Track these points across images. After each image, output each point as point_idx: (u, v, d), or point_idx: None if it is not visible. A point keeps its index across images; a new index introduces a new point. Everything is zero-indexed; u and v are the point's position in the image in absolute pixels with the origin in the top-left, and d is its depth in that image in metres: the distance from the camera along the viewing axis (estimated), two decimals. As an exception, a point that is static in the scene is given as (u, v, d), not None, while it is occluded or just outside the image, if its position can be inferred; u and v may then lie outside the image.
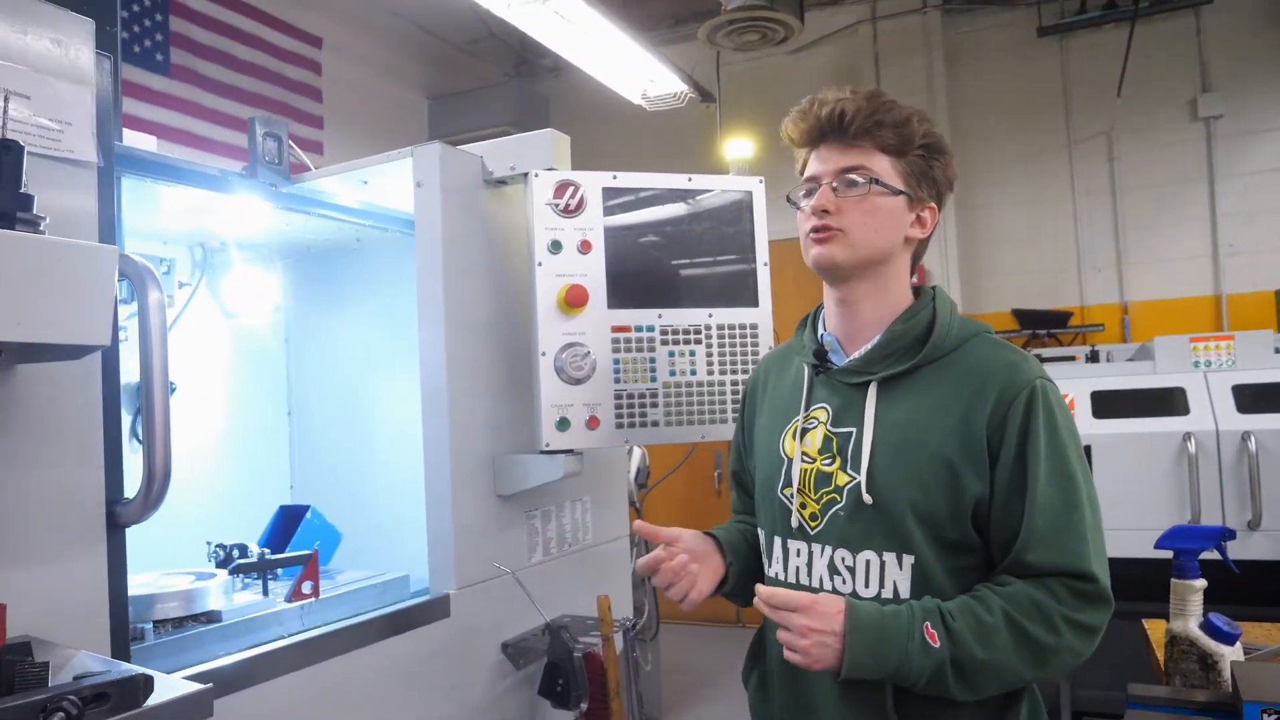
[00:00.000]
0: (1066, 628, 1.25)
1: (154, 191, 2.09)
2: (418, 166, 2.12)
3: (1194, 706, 1.31)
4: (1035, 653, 1.26)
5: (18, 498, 1.26)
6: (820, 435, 1.47)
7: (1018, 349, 1.42)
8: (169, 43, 4.61)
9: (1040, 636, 1.25)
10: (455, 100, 6.53)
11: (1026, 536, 1.29)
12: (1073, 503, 1.30)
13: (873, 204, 1.42)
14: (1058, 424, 1.33)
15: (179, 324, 2.50)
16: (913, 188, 1.44)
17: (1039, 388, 1.33)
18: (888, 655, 1.25)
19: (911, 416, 1.38)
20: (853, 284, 1.46)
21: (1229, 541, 1.59)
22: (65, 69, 1.35)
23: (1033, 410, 1.31)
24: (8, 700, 0.91)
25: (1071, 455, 1.33)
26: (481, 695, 2.07)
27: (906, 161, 1.43)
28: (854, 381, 1.45)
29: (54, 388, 1.30)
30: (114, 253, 1.09)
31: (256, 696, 1.64)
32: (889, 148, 1.42)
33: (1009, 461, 1.31)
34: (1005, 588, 1.29)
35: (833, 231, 1.42)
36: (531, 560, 2.28)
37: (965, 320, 1.45)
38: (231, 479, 2.66)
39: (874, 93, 1.43)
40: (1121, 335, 5.63)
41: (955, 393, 1.36)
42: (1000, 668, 1.26)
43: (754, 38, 4.78)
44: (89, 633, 1.32)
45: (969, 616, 1.26)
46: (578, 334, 2.09)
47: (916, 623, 1.26)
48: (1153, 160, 5.66)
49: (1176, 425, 3.78)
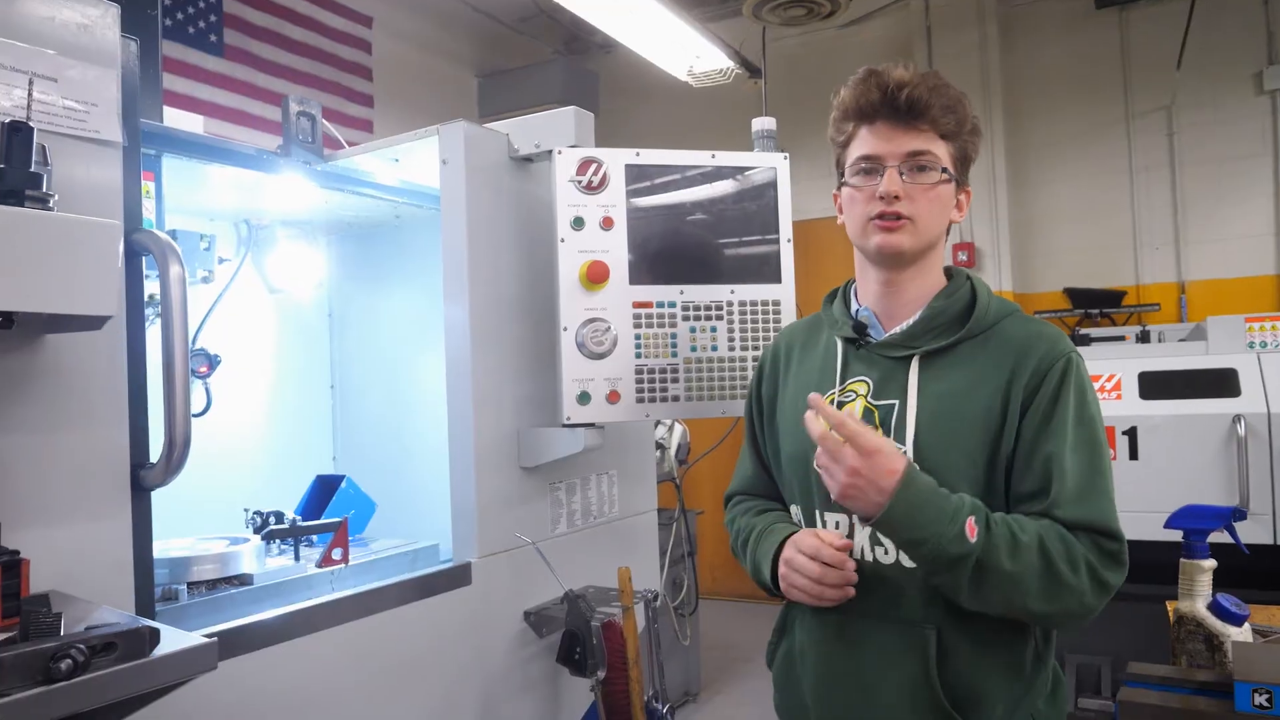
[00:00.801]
0: (1087, 574, 1.29)
1: (198, 170, 2.17)
2: (444, 144, 2.16)
3: (1191, 686, 1.30)
4: (1052, 584, 1.28)
5: (46, 461, 1.33)
6: (860, 407, 1.47)
7: (1050, 325, 1.47)
8: (223, 24, 4.72)
9: (1063, 571, 1.28)
10: (505, 78, 6.56)
11: (1057, 493, 1.32)
12: (1099, 468, 1.35)
13: (938, 192, 1.43)
14: (1087, 395, 1.39)
15: (225, 299, 2.59)
16: (960, 171, 1.47)
17: (1074, 360, 1.39)
18: (925, 526, 1.27)
19: (953, 387, 1.41)
20: (906, 270, 1.48)
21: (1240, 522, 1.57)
22: (91, 52, 1.41)
23: (1066, 379, 1.36)
24: (21, 647, 0.97)
25: (1099, 427, 1.39)
26: (503, 661, 2.13)
27: (958, 145, 1.45)
28: (896, 355, 1.47)
29: (80, 357, 1.37)
30: (118, 228, 1.14)
31: (281, 654, 1.71)
32: (948, 132, 1.43)
33: (1036, 420, 1.36)
34: (1040, 521, 1.33)
35: (902, 221, 1.42)
36: (555, 532, 2.32)
37: (1001, 300, 1.49)
38: (277, 450, 2.75)
39: (931, 74, 1.43)
40: (1178, 315, 5.47)
41: (996, 363, 1.40)
42: (1016, 586, 1.28)
43: (800, 12, 4.74)
44: (114, 590, 1.40)
45: (1005, 528, 1.30)
46: (599, 309, 2.12)
47: (964, 512, 1.28)
48: (1215, 135, 5.46)
49: (1227, 407, 3.67)
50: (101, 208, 1.40)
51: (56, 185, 1.33)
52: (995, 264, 5.80)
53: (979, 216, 5.83)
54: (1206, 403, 3.72)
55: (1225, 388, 3.74)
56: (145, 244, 1.45)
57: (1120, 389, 3.87)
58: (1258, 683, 1.19)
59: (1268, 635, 1.65)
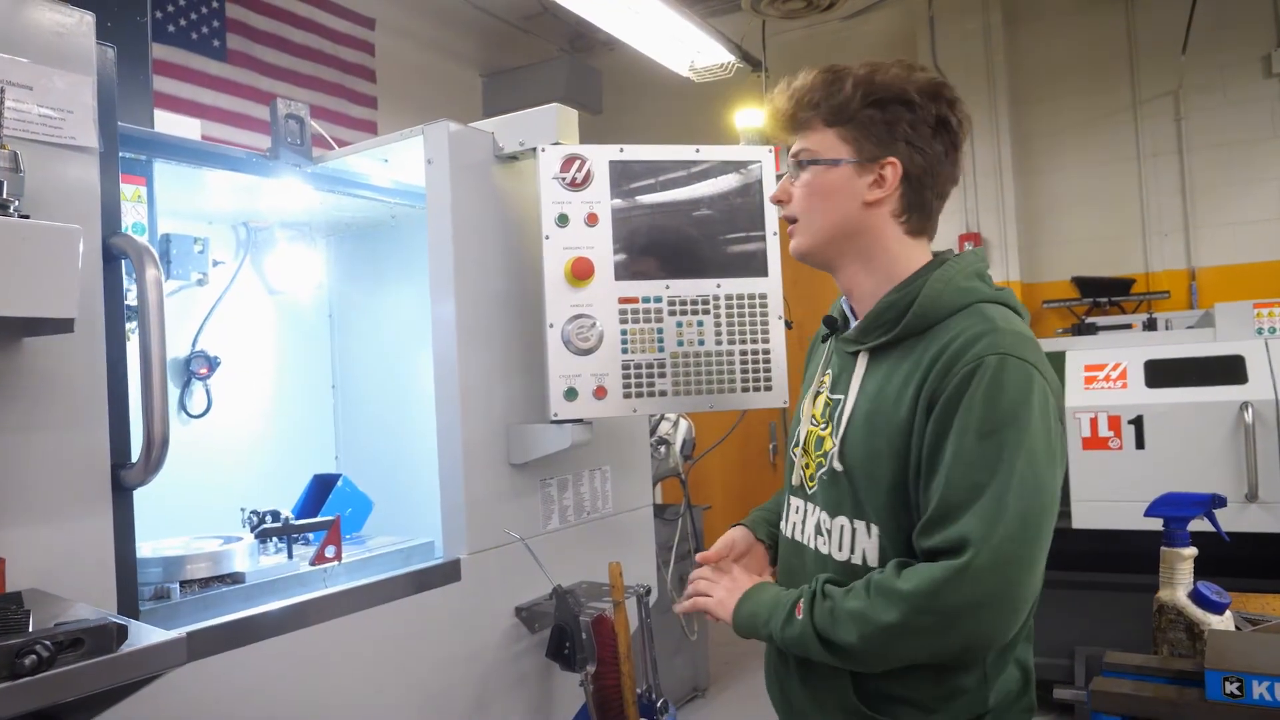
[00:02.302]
0: (905, 608, 1.22)
1: (193, 174, 2.19)
2: (428, 144, 2.18)
3: (1166, 675, 1.30)
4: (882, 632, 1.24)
5: (27, 461, 1.36)
6: (823, 400, 1.50)
7: (997, 322, 1.31)
8: (225, 29, 4.76)
9: (881, 616, 1.24)
10: (509, 76, 6.58)
11: (931, 512, 1.26)
12: (984, 487, 1.22)
13: (813, 184, 1.41)
14: (998, 404, 1.24)
15: (225, 301, 2.63)
16: (864, 150, 1.38)
17: (989, 363, 1.25)
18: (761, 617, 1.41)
19: (883, 387, 1.37)
20: (835, 263, 1.46)
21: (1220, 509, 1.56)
22: (67, 59, 1.43)
23: (972, 383, 1.25)
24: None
25: (1005, 439, 1.23)
26: (493, 656, 2.15)
27: (854, 124, 1.38)
28: (850, 350, 1.47)
29: (59, 359, 1.39)
30: (77, 232, 1.16)
31: (270, 650, 1.74)
32: (830, 119, 1.39)
33: (933, 434, 1.28)
34: (879, 575, 1.28)
35: (793, 224, 1.46)
36: (547, 527, 2.33)
37: (967, 290, 1.37)
38: (279, 450, 2.78)
39: (823, 69, 1.41)
40: (1189, 302, 5.42)
41: (919, 364, 1.32)
42: (858, 650, 1.27)
43: (799, 5, 4.73)
44: (97, 588, 1.42)
45: (832, 600, 1.31)
46: (585, 305, 2.13)
47: (792, 601, 1.37)
48: (1223, 119, 5.40)
49: (1234, 394, 3.65)
50: (79, 213, 1.42)
51: (34, 192, 1.36)
52: (1002, 254, 5.76)
53: (985, 206, 5.80)
54: (1213, 390, 3.70)
55: (1232, 375, 3.71)
56: (122, 248, 1.47)
57: (1126, 378, 3.85)
58: (1228, 670, 1.18)
59: (1258, 624, 1.64)
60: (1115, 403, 3.82)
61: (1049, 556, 1.25)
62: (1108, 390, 3.87)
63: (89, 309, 1.43)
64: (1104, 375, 3.91)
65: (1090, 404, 3.83)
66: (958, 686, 1.30)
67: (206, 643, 1.65)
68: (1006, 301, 1.39)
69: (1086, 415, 3.81)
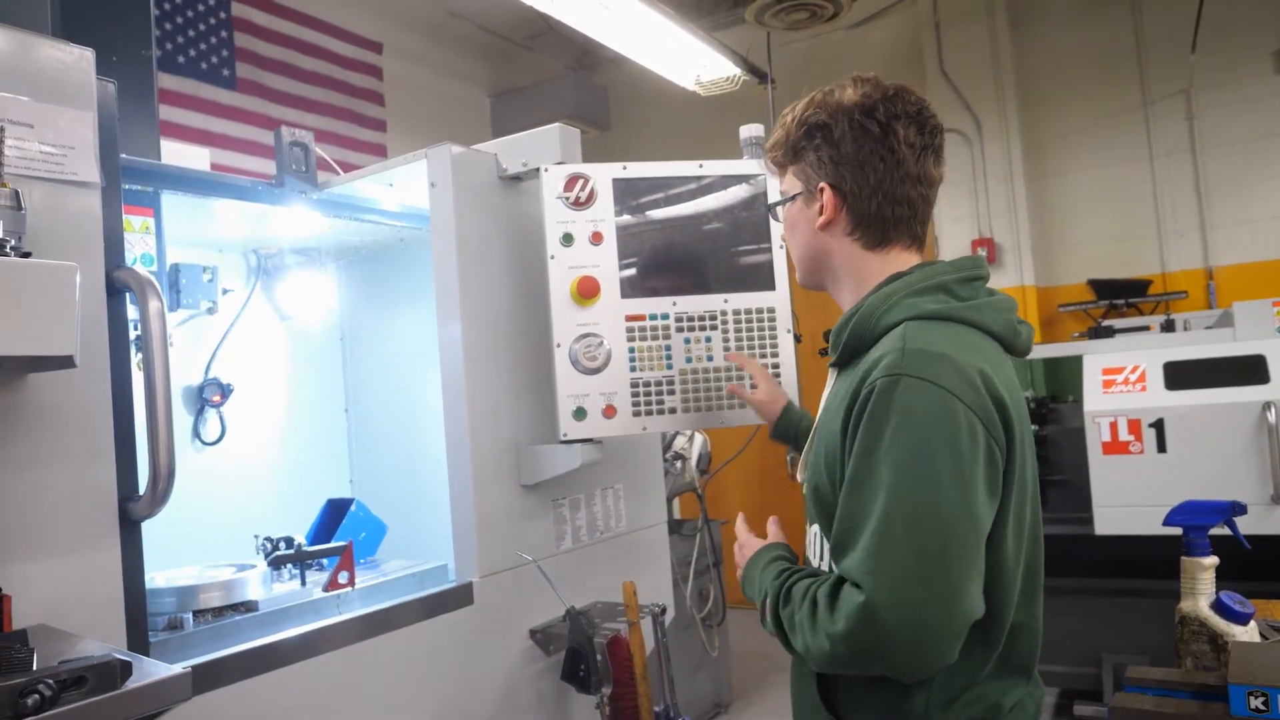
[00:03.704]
0: (826, 639, 1.21)
1: (202, 204, 2.21)
2: (432, 167, 2.18)
3: (1189, 689, 1.26)
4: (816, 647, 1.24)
5: (33, 497, 1.36)
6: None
7: (905, 340, 1.27)
8: (234, 58, 4.81)
9: (806, 637, 1.25)
10: (517, 96, 6.61)
11: (832, 541, 1.27)
12: (868, 512, 1.20)
13: (785, 220, 1.54)
14: (882, 429, 1.21)
15: (236, 328, 2.64)
16: (807, 182, 1.46)
17: (881, 385, 1.22)
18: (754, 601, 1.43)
19: (828, 404, 1.42)
20: (824, 287, 1.54)
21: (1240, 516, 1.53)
22: (67, 96, 1.44)
23: (870, 403, 1.23)
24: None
25: (880, 464, 1.20)
26: (508, 680, 2.13)
27: (802, 159, 1.46)
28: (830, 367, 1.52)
29: (64, 394, 1.40)
30: (73, 269, 1.17)
31: (283, 679, 1.73)
32: (785, 159, 1.49)
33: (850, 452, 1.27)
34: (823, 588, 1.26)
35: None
36: (560, 548, 2.32)
37: (905, 306, 1.33)
38: (293, 476, 2.78)
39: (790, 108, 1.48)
40: (1207, 302, 5.36)
41: (852, 382, 1.31)
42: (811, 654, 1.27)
43: (802, 16, 4.72)
44: (106, 622, 1.42)
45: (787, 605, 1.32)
46: (592, 324, 2.13)
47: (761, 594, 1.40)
48: (1235, 116, 5.35)
49: (1256, 395, 3.59)
50: (82, 248, 1.44)
51: (37, 228, 1.37)
52: (1016, 258, 5.72)
53: (997, 211, 5.76)
54: (1234, 391, 3.64)
55: (1253, 375, 3.66)
56: (125, 281, 1.48)
57: (1145, 381, 3.80)
58: (1253, 685, 1.15)
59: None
60: (1135, 406, 3.77)
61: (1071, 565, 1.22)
62: (1127, 394, 3.82)
63: (93, 343, 1.43)
64: (1122, 378, 3.86)
65: (1110, 408, 3.78)
66: (908, 709, 1.28)
67: (220, 673, 1.65)
68: (960, 316, 1.33)
69: (1106, 420, 3.76)
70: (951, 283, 1.36)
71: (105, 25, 2.12)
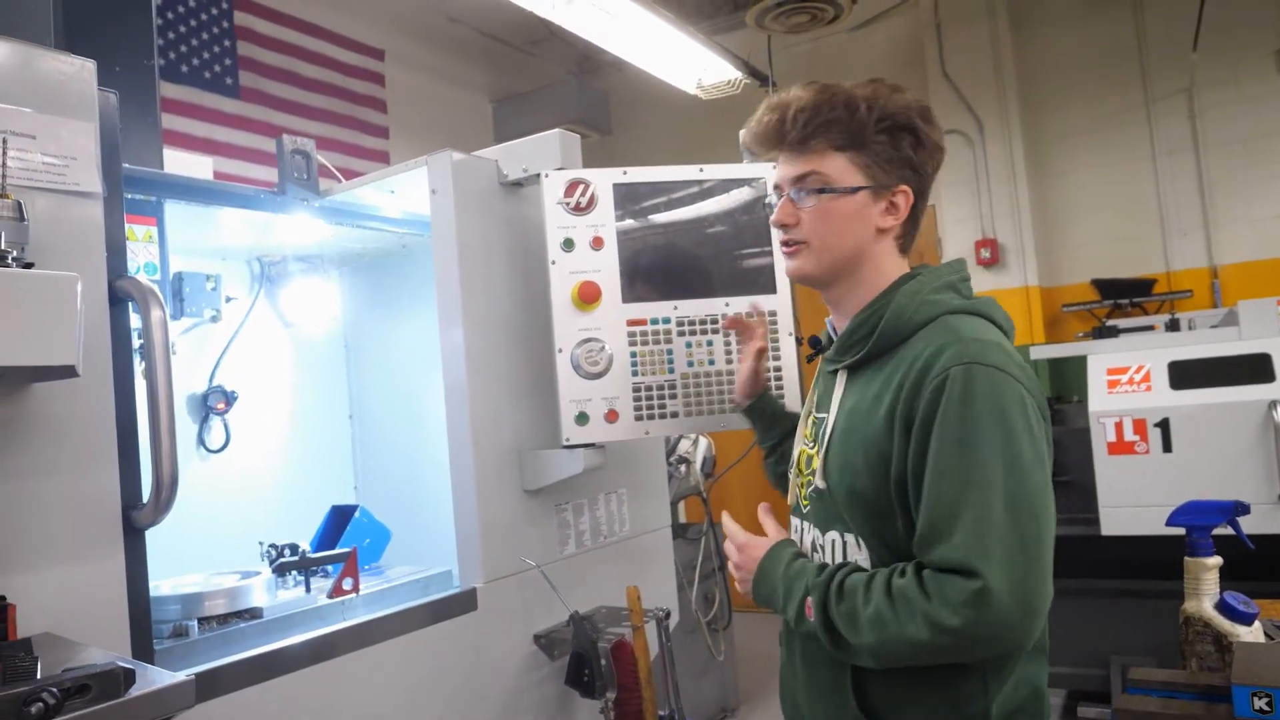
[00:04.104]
0: (933, 628, 1.20)
1: (205, 212, 2.22)
2: (432, 174, 2.19)
3: (1193, 691, 1.26)
4: (906, 645, 1.23)
5: (37, 506, 1.37)
6: (811, 420, 1.54)
7: (960, 332, 1.32)
8: (237, 67, 4.82)
9: (906, 633, 1.22)
10: (519, 101, 6.63)
11: (921, 531, 1.26)
12: (968, 500, 1.21)
13: (826, 210, 1.41)
14: (968, 415, 1.23)
15: (241, 336, 2.65)
16: (876, 177, 1.40)
17: (954, 375, 1.25)
18: (775, 605, 1.42)
19: (857, 403, 1.39)
20: (832, 287, 1.48)
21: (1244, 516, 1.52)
22: (68, 107, 1.45)
23: (943, 394, 1.25)
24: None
25: (979, 448, 1.22)
26: (513, 685, 2.13)
27: (868, 151, 1.39)
28: (831, 370, 1.51)
29: (67, 403, 1.40)
30: (74, 280, 1.17)
31: (288, 685, 1.74)
32: (842, 144, 1.39)
33: (915, 451, 1.28)
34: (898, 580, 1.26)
35: (798, 246, 1.45)
36: (564, 553, 2.32)
37: (935, 303, 1.37)
38: (298, 483, 2.79)
39: (823, 87, 1.39)
40: (1212, 301, 5.34)
41: (890, 380, 1.33)
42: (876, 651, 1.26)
43: (803, 19, 4.73)
44: (110, 630, 1.43)
45: (849, 602, 1.28)
46: (593, 329, 2.13)
47: (798, 593, 1.36)
48: (1238, 115, 5.33)
49: (1262, 393, 3.58)
50: (85, 257, 1.44)
51: (39, 238, 1.38)
52: (1020, 259, 5.71)
53: (1000, 211, 5.75)
54: (1240, 390, 3.63)
55: (1259, 373, 3.65)
56: (128, 290, 1.49)
57: (1149, 380, 3.79)
58: (1256, 686, 1.15)
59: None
60: (1140, 406, 3.76)
61: (1077, 566, 1.24)
62: (1132, 394, 3.81)
63: (96, 352, 1.44)
64: (1127, 378, 3.85)
65: (1114, 408, 3.77)
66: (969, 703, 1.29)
67: (225, 680, 1.66)
68: (979, 311, 1.39)
69: (1111, 420, 3.75)
70: (957, 283, 1.42)
71: (107, 35, 2.14)
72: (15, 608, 1.19)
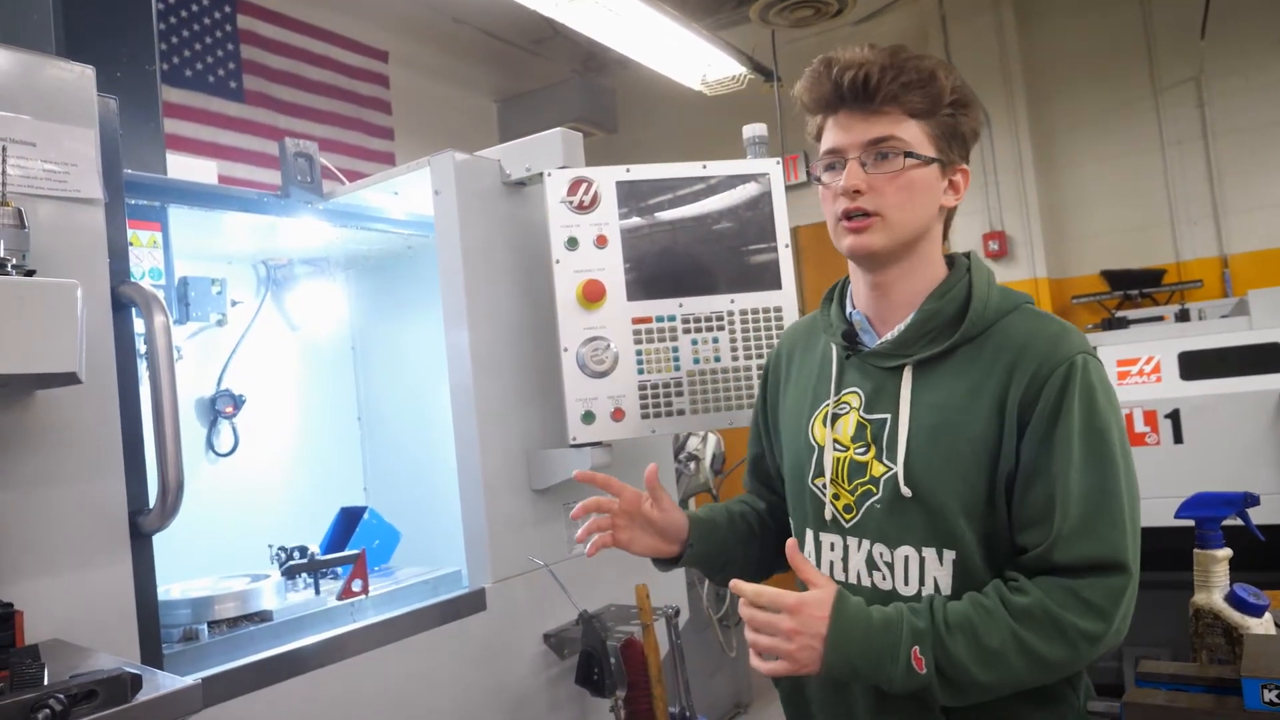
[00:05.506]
0: (1078, 637, 1.17)
1: (209, 217, 2.22)
2: (435, 175, 2.19)
3: (1203, 683, 1.25)
4: (1046, 669, 1.20)
5: (44, 513, 1.37)
6: (853, 421, 1.38)
7: (1060, 321, 1.31)
8: (241, 70, 4.84)
9: (1047, 653, 1.18)
10: (523, 100, 6.63)
11: (1059, 527, 1.20)
12: (1110, 490, 1.20)
13: (908, 179, 1.29)
14: (1096, 403, 1.22)
15: (248, 340, 2.65)
16: (944, 151, 1.32)
17: (1079, 363, 1.23)
18: (866, 673, 1.21)
19: (948, 399, 1.28)
20: (890, 267, 1.35)
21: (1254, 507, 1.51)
22: (68, 114, 1.45)
23: (1069, 386, 1.22)
24: (1, 699, 1.00)
25: (1113, 438, 1.23)
26: (523, 685, 2.13)
27: (936, 122, 1.30)
28: (888, 365, 1.36)
29: (72, 409, 1.41)
30: (74, 287, 1.17)
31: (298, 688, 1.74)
32: (918, 111, 1.29)
33: (1036, 438, 1.22)
34: (1020, 599, 1.19)
35: (870, 218, 1.30)
36: (572, 552, 2.32)
37: (1005, 291, 1.34)
38: (307, 485, 2.79)
39: (896, 49, 1.29)
40: (1223, 290, 5.30)
41: (991, 370, 1.26)
42: (1002, 686, 1.20)
43: (807, 13, 4.72)
44: (119, 636, 1.43)
45: (969, 637, 1.18)
46: (598, 328, 2.13)
47: (904, 646, 1.19)
48: (1247, 103, 5.29)
49: (1273, 384, 3.56)
50: (87, 264, 1.44)
51: (41, 246, 1.38)
52: (1028, 251, 5.68)
53: (1008, 204, 5.73)
54: (1251, 380, 3.61)
55: (1270, 363, 3.62)
56: (130, 296, 1.49)
57: (1160, 371, 3.77)
58: (1267, 678, 1.14)
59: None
60: (1150, 397, 3.74)
61: None
62: (1142, 385, 3.79)
63: (100, 358, 1.44)
64: (1137, 369, 3.83)
65: (1125, 399, 3.74)
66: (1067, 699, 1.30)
67: (235, 683, 1.66)
68: (1032, 302, 1.38)
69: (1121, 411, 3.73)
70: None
71: (108, 41, 2.14)
72: (23, 614, 1.19)
